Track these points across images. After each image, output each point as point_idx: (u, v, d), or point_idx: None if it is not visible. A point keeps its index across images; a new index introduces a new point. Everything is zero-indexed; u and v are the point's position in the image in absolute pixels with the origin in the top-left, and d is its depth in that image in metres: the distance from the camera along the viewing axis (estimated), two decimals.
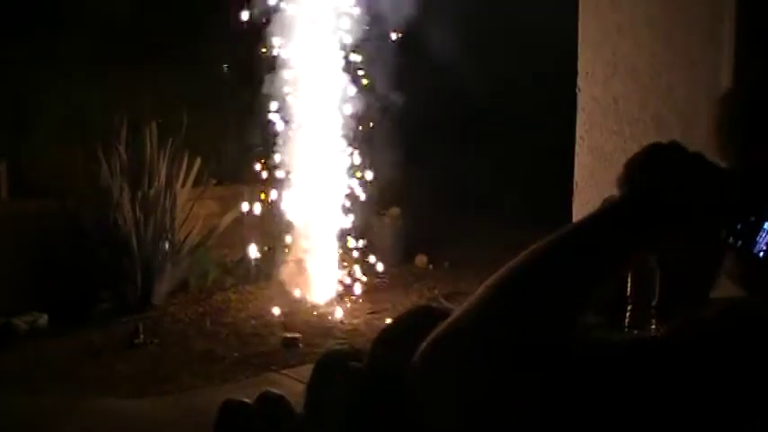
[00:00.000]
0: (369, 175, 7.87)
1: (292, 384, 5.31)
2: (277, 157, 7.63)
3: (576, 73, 4.02)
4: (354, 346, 1.81)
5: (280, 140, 7.62)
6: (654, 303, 1.15)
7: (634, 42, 3.81)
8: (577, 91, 4.05)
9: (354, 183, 7.82)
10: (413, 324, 1.35)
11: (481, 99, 9.10)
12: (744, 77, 3.26)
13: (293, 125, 7.60)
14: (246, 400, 1.81)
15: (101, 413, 5.20)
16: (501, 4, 8.81)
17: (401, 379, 1.09)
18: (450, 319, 1.00)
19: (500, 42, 9.04)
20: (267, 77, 7.38)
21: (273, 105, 7.50)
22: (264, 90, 7.41)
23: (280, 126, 7.60)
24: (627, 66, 3.84)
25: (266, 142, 7.63)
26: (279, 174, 7.62)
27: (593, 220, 1.07)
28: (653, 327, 1.15)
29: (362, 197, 7.87)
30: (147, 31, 7.83)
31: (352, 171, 7.82)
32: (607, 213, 1.07)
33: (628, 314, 1.17)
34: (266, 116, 7.52)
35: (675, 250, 1.10)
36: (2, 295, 6.73)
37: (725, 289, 1.18)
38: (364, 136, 7.81)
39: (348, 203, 7.80)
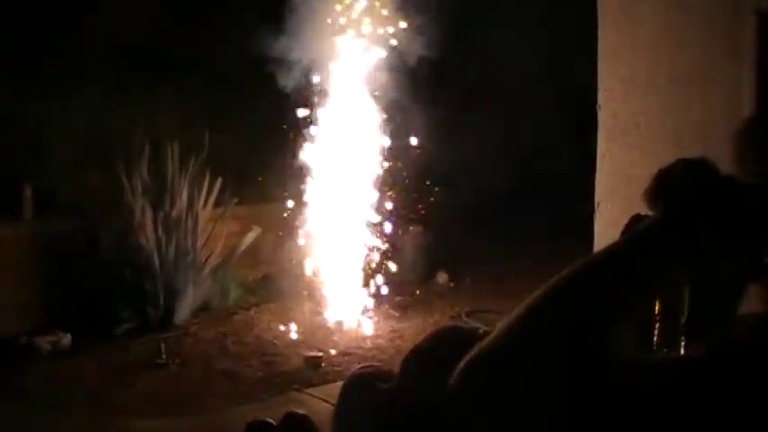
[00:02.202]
0: (392, 193, 7.86)
1: (315, 403, 5.30)
2: (299, 173, 7.63)
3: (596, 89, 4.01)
4: (381, 366, 1.79)
5: (302, 156, 7.63)
6: (683, 321, 1.14)
7: (653, 57, 3.80)
8: (597, 107, 4.03)
9: (377, 200, 7.81)
10: (442, 344, 1.35)
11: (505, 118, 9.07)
12: (765, 91, 3.24)
13: (317, 141, 7.61)
14: (270, 420, 1.80)
15: None
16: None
17: (432, 401, 1.08)
18: (489, 338, 1.00)
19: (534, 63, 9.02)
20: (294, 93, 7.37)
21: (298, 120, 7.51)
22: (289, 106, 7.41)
23: (303, 142, 7.61)
24: (646, 81, 3.83)
25: (288, 159, 7.62)
26: (301, 190, 7.62)
27: (627, 244, 1.06)
28: (682, 345, 1.14)
29: (385, 215, 7.86)
30: (167, 51, 7.89)
31: (375, 188, 7.80)
32: (641, 237, 1.06)
33: (656, 332, 1.16)
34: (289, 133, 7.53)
35: (706, 268, 1.10)
36: (25, 315, 6.78)
37: (747, 303, 1.18)
38: (389, 153, 7.79)
39: (370, 221, 7.78)
